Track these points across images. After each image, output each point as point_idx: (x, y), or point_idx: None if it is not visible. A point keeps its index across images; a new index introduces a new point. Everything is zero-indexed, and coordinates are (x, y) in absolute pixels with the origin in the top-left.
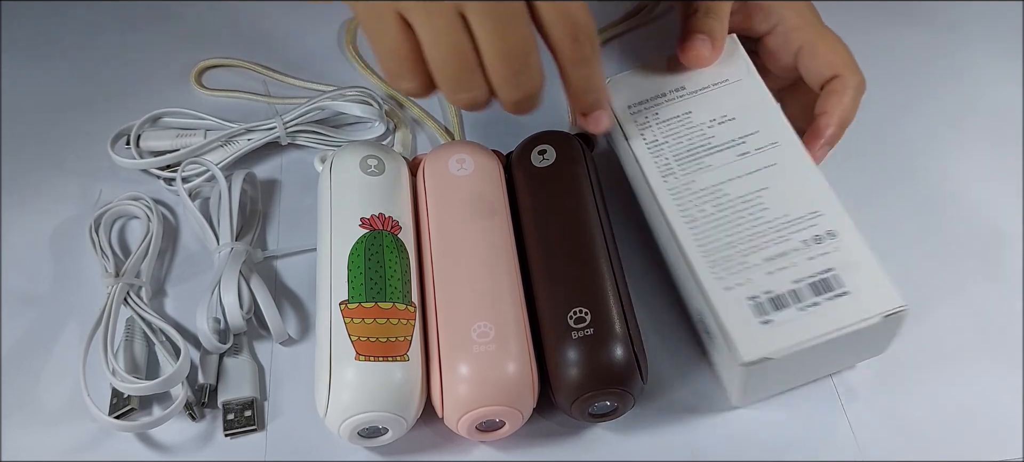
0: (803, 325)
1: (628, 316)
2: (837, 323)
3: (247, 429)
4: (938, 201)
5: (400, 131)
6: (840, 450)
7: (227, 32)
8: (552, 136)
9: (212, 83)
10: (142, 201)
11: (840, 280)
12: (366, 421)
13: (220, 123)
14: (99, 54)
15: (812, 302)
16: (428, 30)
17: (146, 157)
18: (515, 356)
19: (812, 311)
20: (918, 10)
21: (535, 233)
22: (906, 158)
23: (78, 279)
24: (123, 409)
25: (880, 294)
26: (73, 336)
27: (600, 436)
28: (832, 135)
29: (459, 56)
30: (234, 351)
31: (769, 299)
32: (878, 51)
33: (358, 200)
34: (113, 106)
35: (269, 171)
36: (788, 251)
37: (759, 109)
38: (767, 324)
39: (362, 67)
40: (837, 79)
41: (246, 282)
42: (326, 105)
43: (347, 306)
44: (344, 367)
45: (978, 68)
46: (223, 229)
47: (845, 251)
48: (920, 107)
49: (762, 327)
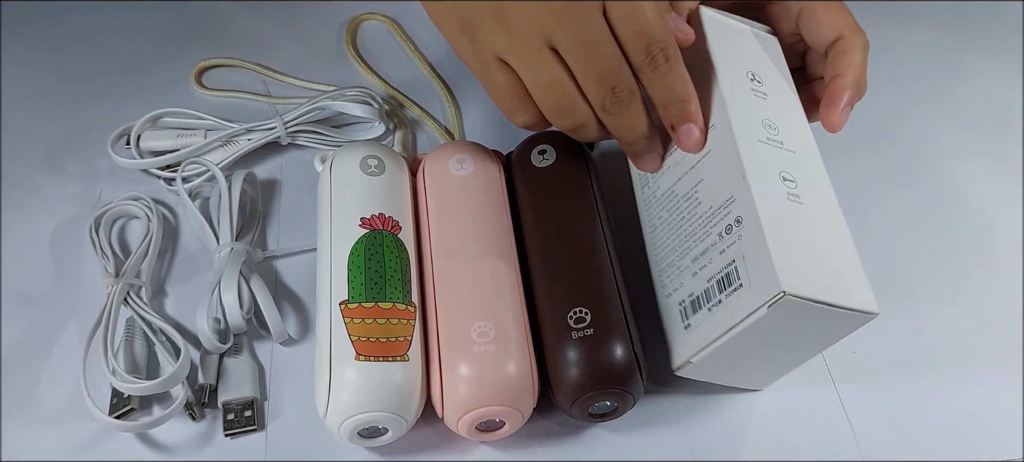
0: (709, 327)
1: (628, 316)
2: (731, 321)
3: (247, 429)
4: (938, 200)
5: (400, 131)
6: (840, 450)
7: (227, 32)
8: (552, 136)
9: (212, 83)
10: (142, 201)
11: (738, 272)
12: (366, 421)
13: (220, 123)
14: (99, 54)
15: (717, 301)
16: (525, 69)
17: (146, 157)
18: (515, 356)
19: (717, 310)
20: (919, 10)
21: (535, 233)
22: (907, 157)
23: (78, 279)
24: (123, 409)
25: (765, 282)
26: (73, 336)
27: (600, 436)
28: (851, 96)
29: (557, 87)
30: (234, 351)
31: (691, 302)
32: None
33: (358, 200)
34: (113, 106)
35: (269, 171)
36: (708, 248)
37: (704, 89)
38: (688, 329)
39: (362, 67)
40: (842, 39)
41: (246, 282)
42: (326, 105)
43: (347, 306)
44: (344, 367)
45: (979, 68)
46: (223, 229)
47: (747, 238)
48: (921, 107)
49: (685, 333)
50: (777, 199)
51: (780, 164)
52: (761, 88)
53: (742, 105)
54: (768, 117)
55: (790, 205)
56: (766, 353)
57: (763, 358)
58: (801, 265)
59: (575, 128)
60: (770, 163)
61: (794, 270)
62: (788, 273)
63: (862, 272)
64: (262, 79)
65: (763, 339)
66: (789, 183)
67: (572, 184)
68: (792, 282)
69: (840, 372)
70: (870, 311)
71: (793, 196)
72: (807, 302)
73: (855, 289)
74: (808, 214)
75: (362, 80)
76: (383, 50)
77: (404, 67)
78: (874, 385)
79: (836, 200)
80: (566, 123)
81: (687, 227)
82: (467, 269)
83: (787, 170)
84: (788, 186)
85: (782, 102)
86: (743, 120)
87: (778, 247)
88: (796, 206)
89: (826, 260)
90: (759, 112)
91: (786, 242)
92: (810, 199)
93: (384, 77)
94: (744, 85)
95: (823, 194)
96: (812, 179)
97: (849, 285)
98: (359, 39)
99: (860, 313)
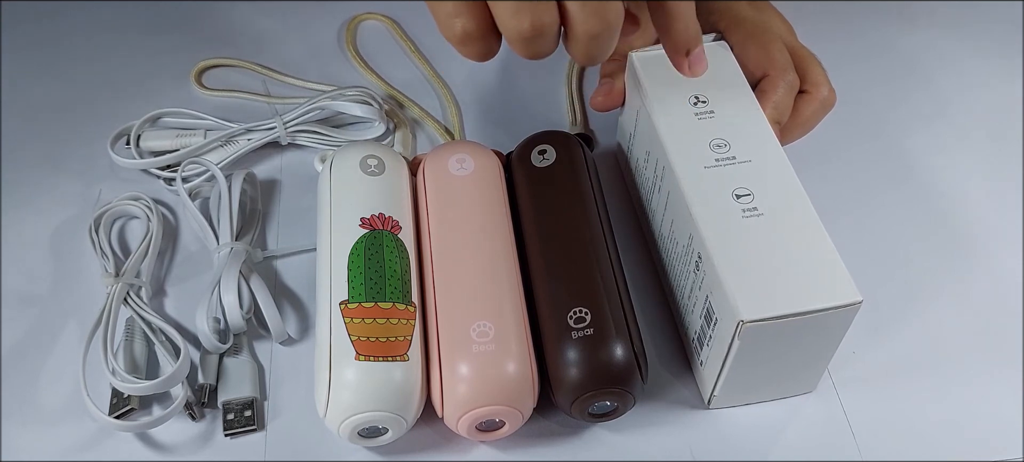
0: (713, 362)
1: (628, 316)
2: (722, 353)
3: (247, 429)
4: (937, 200)
5: (400, 131)
6: (840, 450)
7: (227, 32)
8: (552, 136)
9: (212, 83)
10: (142, 201)
11: (713, 307)
12: (366, 421)
13: (220, 123)
14: (99, 54)
15: (709, 336)
16: None
17: (146, 157)
18: (515, 356)
19: (713, 344)
20: (918, 10)
21: (535, 233)
22: (905, 156)
23: (78, 279)
24: (123, 409)
25: (729, 313)
26: (73, 336)
27: (600, 436)
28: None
29: None
30: (234, 351)
31: (697, 339)
32: (878, 51)
33: (358, 200)
34: (113, 106)
35: (269, 171)
36: (691, 285)
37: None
38: (702, 365)
39: (362, 67)
40: (765, 78)
41: (246, 282)
42: (326, 105)
43: (347, 306)
44: (344, 367)
45: (978, 68)
46: (223, 229)
47: (709, 273)
48: (919, 106)
49: (702, 369)
50: (729, 224)
51: (732, 183)
52: (706, 107)
53: (684, 138)
54: (716, 136)
55: (746, 223)
56: (779, 367)
57: (782, 370)
58: (759, 285)
59: (531, 30)
60: (720, 186)
61: (750, 293)
62: (743, 299)
63: (838, 263)
64: (262, 79)
65: (762, 359)
66: (744, 199)
67: (572, 184)
68: (749, 307)
69: (840, 372)
70: (850, 302)
71: (750, 211)
72: (771, 321)
73: (830, 285)
74: (768, 224)
75: (362, 80)
76: (383, 50)
77: (404, 67)
78: (874, 385)
79: (803, 195)
80: (522, 22)
81: (677, 266)
82: (467, 269)
83: (742, 185)
84: (743, 203)
85: (733, 112)
86: (685, 156)
87: (731, 275)
88: (753, 221)
89: (792, 267)
90: (705, 136)
91: (740, 267)
92: (770, 206)
93: (384, 77)
94: (686, 114)
95: (786, 195)
96: (772, 183)
97: (823, 283)
98: (359, 39)
99: (840, 308)
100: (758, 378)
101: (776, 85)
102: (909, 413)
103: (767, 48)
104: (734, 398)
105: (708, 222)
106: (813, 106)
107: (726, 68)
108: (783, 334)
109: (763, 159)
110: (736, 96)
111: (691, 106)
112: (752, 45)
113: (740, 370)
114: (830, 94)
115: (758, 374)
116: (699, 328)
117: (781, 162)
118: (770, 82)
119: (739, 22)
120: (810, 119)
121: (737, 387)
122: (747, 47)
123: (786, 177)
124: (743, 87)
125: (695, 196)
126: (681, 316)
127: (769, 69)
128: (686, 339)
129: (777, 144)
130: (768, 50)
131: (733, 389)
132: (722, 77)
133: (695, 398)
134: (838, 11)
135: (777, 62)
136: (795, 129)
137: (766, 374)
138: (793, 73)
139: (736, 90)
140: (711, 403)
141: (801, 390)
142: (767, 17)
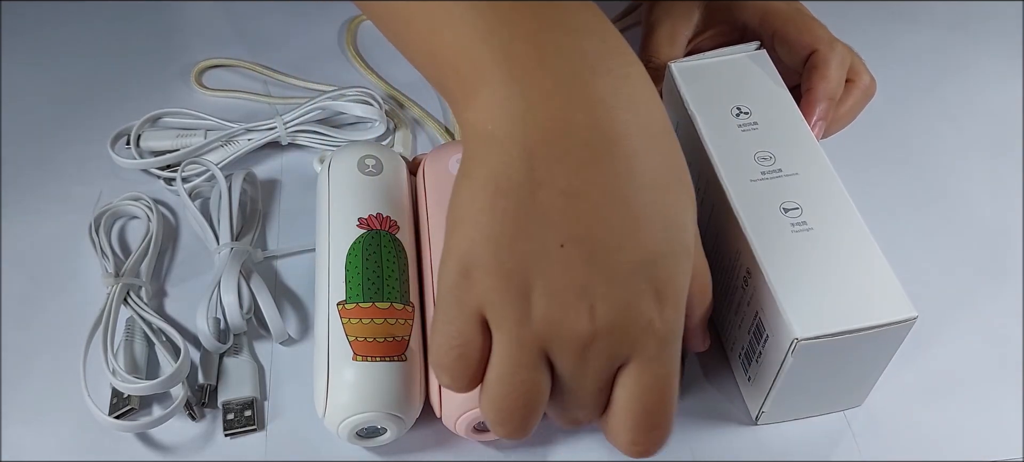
0: (762, 378)
1: None
2: (773, 370)
3: (247, 429)
4: (940, 202)
5: (400, 131)
6: (840, 450)
7: (227, 32)
8: None
9: (212, 83)
10: (142, 201)
11: (763, 323)
12: (365, 421)
13: (220, 123)
14: (99, 54)
15: (759, 352)
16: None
17: (146, 157)
18: None
19: (762, 361)
20: (920, 10)
21: None
22: (907, 158)
23: (78, 279)
24: (123, 409)
25: (782, 330)
26: (73, 336)
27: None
28: (824, 108)
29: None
30: (234, 351)
31: (744, 354)
32: (879, 51)
33: (356, 200)
34: (113, 106)
35: (269, 171)
36: (739, 301)
37: (692, 147)
38: (751, 381)
39: (362, 67)
40: (814, 54)
41: (246, 282)
42: (326, 105)
43: (345, 306)
44: (342, 367)
45: (980, 68)
46: (223, 229)
47: (759, 289)
48: (922, 107)
49: (749, 385)
50: (780, 238)
51: (780, 196)
52: (750, 119)
53: (730, 150)
54: (761, 149)
55: (796, 238)
56: (830, 383)
57: (833, 386)
58: (812, 301)
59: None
60: (768, 200)
61: (804, 310)
62: (797, 316)
63: (891, 278)
64: (262, 79)
65: (813, 375)
66: (793, 213)
67: None
68: (803, 325)
69: None
70: (906, 319)
71: (799, 226)
72: (826, 338)
73: (883, 300)
74: (819, 238)
75: (362, 80)
76: (383, 50)
77: (404, 67)
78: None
79: (853, 207)
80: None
81: (723, 280)
82: None
83: (790, 199)
84: (792, 216)
85: (776, 123)
86: (732, 168)
87: (784, 292)
88: (804, 235)
89: (845, 283)
90: (750, 148)
91: (793, 282)
92: (820, 220)
93: (384, 77)
94: (730, 126)
95: (835, 208)
96: (821, 195)
97: (876, 298)
98: (359, 39)
99: (895, 324)
100: (808, 394)
101: (827, 59)
102: (909, 413)
103: (808, 25)
104: (783, 413)
105: (758, 237)
106: (855, 96)
107: (767, 77)
108: (837, 351)
109: (809, 171)
110: (778, 106)
111: (734, 118)
112: (791, 27)
113: (791, 387)
114: (871, 83)
115: (809, 390)
116: (747, 344)
117: (828, 174)
118: (820, 57)
119: (773, 11)
120: (853, 109)
121: (786, 403)
122: (787, 30)
123: (834, 190)
124: (785, 97)
125: (744, 211)
126: (728, 330)
127: (816, 44)
128: (730, 354)
129: (824, 155)
130: (810, 26)
131: (782, 405)
132: (763, 86)
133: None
134: (836, 11)
135: (822, 37)
136: (839, 120)
137: (817, 390)
138: (841, 43)
139: (778, 100)
140: (759, 419)
141: (850, 404)
142: (798, 3)
